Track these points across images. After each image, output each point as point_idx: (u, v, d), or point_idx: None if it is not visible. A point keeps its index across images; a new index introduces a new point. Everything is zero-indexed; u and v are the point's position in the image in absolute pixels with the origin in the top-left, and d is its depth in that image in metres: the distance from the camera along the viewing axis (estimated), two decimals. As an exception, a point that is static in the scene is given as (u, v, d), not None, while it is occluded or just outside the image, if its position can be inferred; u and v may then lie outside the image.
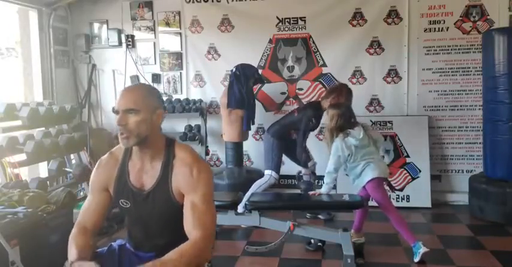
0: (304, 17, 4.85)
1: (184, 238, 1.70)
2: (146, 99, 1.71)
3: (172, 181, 1.74)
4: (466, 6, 4.59)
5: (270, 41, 4.93)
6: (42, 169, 4.50)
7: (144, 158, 1.78)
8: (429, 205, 4.53)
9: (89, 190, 1.88)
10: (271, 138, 4.07)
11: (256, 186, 4.01)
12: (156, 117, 1.73)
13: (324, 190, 3.33)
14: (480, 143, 4.54)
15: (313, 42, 4.87)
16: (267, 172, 4.05)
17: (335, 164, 3.29)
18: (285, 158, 4.29)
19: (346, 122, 3.31)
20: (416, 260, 3.17)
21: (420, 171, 4.61)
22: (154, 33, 5.16)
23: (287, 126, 4.04)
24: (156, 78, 5.17)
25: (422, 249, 3.13)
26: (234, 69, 4.48)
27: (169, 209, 1.76)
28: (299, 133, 3.95)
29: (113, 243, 1.93)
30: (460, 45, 4.63)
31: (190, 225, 1.66)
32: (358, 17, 4.76)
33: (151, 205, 1.76)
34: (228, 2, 4.95)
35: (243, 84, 4.41)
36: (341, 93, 3.80)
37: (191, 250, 1.59)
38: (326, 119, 3.48)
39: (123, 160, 1.82)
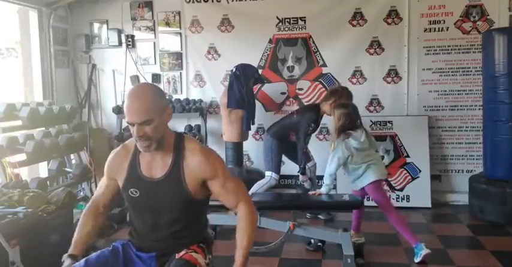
0: (304, 17, 4.85)
1: (189, 229, 1.82)
2: (155, 103, 1.73)
3: (184, 170, 1.79)
4: (466, 6, 4.59)
5: (270, 41, 4.93)
6: (42, 169, 4.50)
7: (155, 153, 1.82)
8: (429, 205, 4.53)
9: (104, 174, 1.98)
10: (270, 138, 4.07)
11: (257, 187, 4.01)
12: (166, 116, 1.79)
13: (324, 190, 3.33)
14: (480, 143, 4.54)
15: (313, 42, 4.87)
16: (267, 173, 4.05)
17: (336, 166, 3.29)
18: (284, 158, 4.29)
19: (351, 123, 3.31)
20: (417, 260, 3.17)
21: (420, 171, 4.61)
22: (154, 33, 5.16)
23: (286, 127, 4.04)
24: (156, 78, 5.17)
25: (424, 251, 3.14)
26: (234, 69, 4.47)
27: (180, 198, 1.80)
28: (299, 137, 3.90)
29: (114, 243, 1.93)
30: (460, 45, 4.63)
31: (232, 200, 1.88)
32: (358, 17, 4.76)
33: (162, 193, 1.80)
34: (228, 2, 4.95)
35: (243, 84, 4.41)
36: (341, 96, 3.79)
37: (250, 215, 1.87)
38: (332, 119, 3.46)
39: (134, 152, 1.87)
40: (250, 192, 3.90)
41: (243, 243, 1.82)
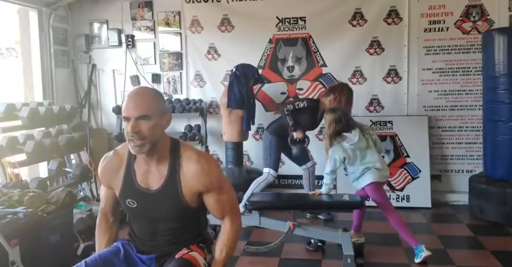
0: (304, 17, 4.85)
1: (187, 235, 1.80)
2: (155, 103, 1.71)
3: (181, 180, 1.76)
4: (466, 6, 4.59)
5: (270, 41, 4.93)
6: (42, 169, 4.50)
7: (150, 161, 1.78)
8: (429, 205, 4.53)
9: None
10: (269, 136, 4.08)
11: (255, 185, 4.01)
12: (164, 121, 1.75)
13: (324, 190, 3.33)
14: (480, 143, 4.54)
15: (313, 42, 4.87)
16: (265, 170, 4.05)
17: (332, 167, 3.31)
18: (284, 158, 4.29)
19: (343, 127, 3.30)
20: (417, 261, 3.17)
21: (420, 171, 4.61)
22: (154, 33, 5.16)
23: (285, 124, 4.03)
24: (156, 78, 5.17)
25: (425, 253, 3.14)
26: (234, 69, 4.48)
27: (177, 208, 1.78)
28: (284, 106, 3.89)
29: (115, 243, 1.93)
30: (460, 45, 4.63)
31: (221, 212, 1.85)
32: (358, 17, 4.76)
33: (159, 204, 1.78)
34: (228, 2, 4.95)
35: (243, 84, 4.41)
36: (342, 92, 3.78)
37: (235, 231, 1.86)
38: (325, 124, 3.45)
39: (128, 160, 1.82)
40: (249, 191, 3.92)
41: (221, 256, 1.81)
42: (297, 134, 3.87)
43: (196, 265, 1.77)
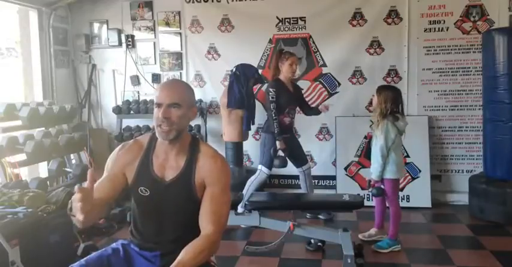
0: (304, 17, 4.85)
1: (192, 234, 1.74)
2: (186, 95, 1.79)
3: (195, 174, 1.79)
4: (466, 6, 4.59)
5: (270, 41, 4.93)
6: (42, 169, 4.50)
7: (169, 153, 1.81)
8: (429, 205, 4.53)
9: (105, 170, 1.84)
10: (264, 134, 4.10)
11: (249, 184, 4.03)
12: (191, 113, 1.81)
13: (375, 176, 3.42)
14: (480, 143, 4.54)
15: (313, 42, 4.87)
16: (258, 166, 4.07)
17: (386, 147, 3.35)
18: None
19: (396, 107, 3.38)
20: (384, 251, 3.35)
21: (420, 171, 4.61)
22: (154, 33, 5.16)
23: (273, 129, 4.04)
24: (156, 78, 5.17)
25: (397, 248, 3.36)
26: (234, 69, 4.47)
27: (188, 202, 1.79)
28: (268, 107, 3.97)
29: (114, 244, 1.92)
30: (460, 45, 4.63)
31: (206, 218, 1.74)
32: (358, 17, 4.76)
33: (171, 195, 1.79)
34: (228, 2, 4.95)
35: (243, 84, 4.41)
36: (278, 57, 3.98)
37: (205, 245, 1.68)
38: (376, 98, 3.45)
39: (147, 149, 1.84)
40: (245, 190, 3.93)
41: (184, 258, 1.63)
42: (280, 145, 3.90)
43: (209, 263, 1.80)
